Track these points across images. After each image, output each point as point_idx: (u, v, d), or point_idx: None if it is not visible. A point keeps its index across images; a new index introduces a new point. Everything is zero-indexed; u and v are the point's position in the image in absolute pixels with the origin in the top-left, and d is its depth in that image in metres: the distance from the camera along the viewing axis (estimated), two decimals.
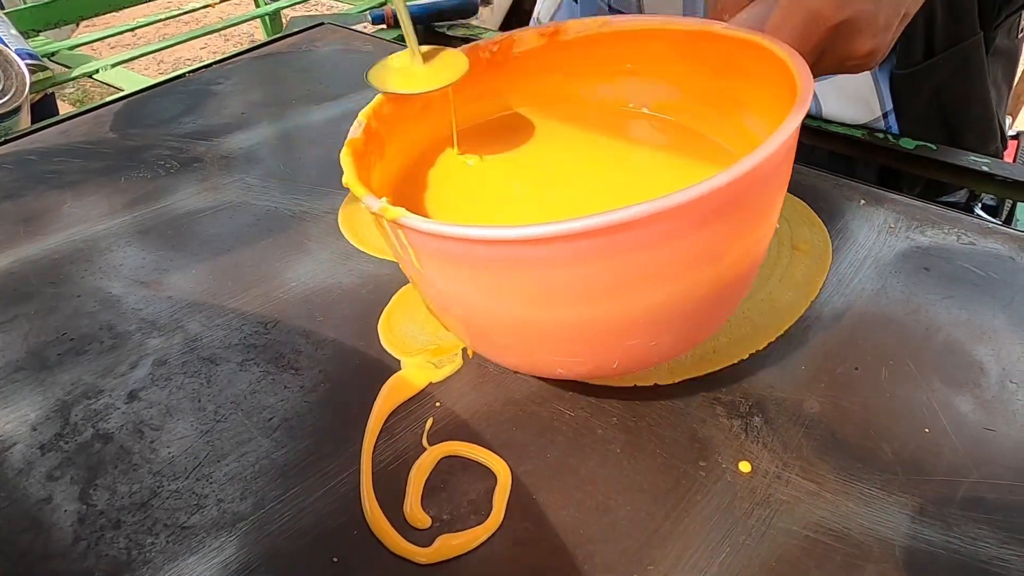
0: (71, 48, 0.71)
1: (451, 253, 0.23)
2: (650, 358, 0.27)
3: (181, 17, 0.79)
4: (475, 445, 0.28)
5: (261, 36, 1.17)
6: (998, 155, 0.51)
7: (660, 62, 0.34)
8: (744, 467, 0.28)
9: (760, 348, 0.33)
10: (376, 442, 0.29)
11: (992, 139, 0.51)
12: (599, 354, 0.26)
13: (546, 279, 0.22)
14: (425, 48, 0.32)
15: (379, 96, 0.31)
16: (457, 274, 0.24)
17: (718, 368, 0.32)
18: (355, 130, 0.29)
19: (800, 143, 0.38)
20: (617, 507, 0.26)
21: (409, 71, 0.32)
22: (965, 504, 0.26)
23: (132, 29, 0.75)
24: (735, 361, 0.32)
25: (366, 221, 0.41)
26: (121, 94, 0.56)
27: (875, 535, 0.25)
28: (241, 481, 0.27)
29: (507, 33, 0.35)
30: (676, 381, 0.31)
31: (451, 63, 0.32)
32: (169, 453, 0.28)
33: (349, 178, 0.26)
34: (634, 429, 0.29)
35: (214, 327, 0.34)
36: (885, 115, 0.49)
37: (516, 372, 0.31)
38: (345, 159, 0.27)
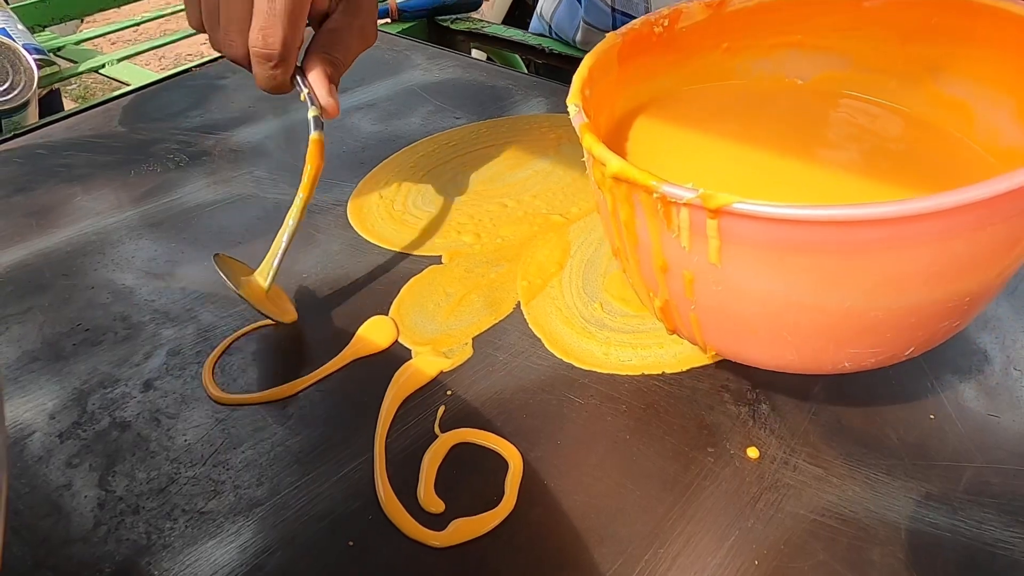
0: (77, 43, 0.71)
1: (793, 240, 0.21)
2: (934, 343, 0.25)
3: (182, 13, 0.79)
4: (486, 432, 0.29)
5: None
6: None
7: (832, 31, 0.32)
8: (752, 453, 0.28)
9: None
10: (389, 430, 0.29)
11: None
12: (904, 340, 0.24)
13: (913, 260, 0.20)
14: (274, 286, 0.33)
15: (581, 78, 0.28)
16: (783, 264, 0.21)
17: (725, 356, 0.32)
18: (579, 116, 0.26)
19: None
20: (627, 492, 0.27)
21: (253, 282, 0.33)
22: (970, 489, 0.27)
23: (136, 24, 0.75)
24: None
25: (375, 212, 0.42)
26: (127, 89, 0.56)
27: (881, 519, 0.26)
28: (257, 468, 0.28)
29: (675, 7, 0.32)
30: (683, 369, 0.32)
31: (283, 307, 0.34)
32: (185, 441, 0.29)
33: (629, 170, 0.23)
34: (643, 416, 0.29)
35: (226, 317, 0.34)
36: None
37: (729, 362, 0.28)
38: (601, 149, 0.24)
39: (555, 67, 0.66)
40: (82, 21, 1.25)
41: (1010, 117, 0.29)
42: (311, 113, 0.34)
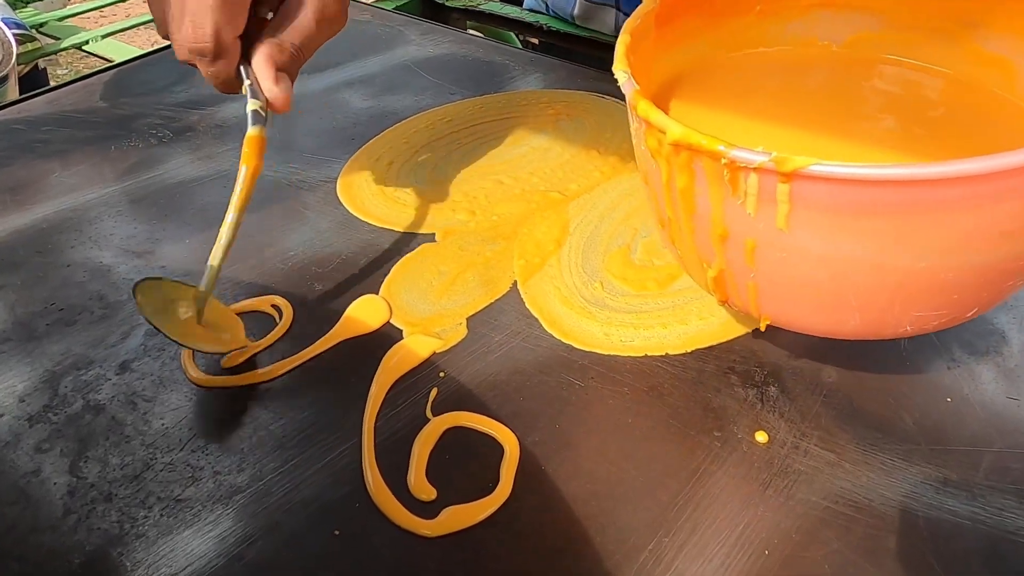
0: (60, 19, 0.69)
1: (873, 204, 0.20)
2: (995, 303, 0.26)
3: None
4: (481, 416, 0.27)
5: None
6: None
7: None
8: (761, 437, 0.27)
9: None
10: (378, 413, 0.28)
11: None
12: (970, 301, 0.24)
13: (991, 217, 0.20)
14: (216, 307, 0.29)
15: (625, 43, 0.27)
16: (856, 226, 0.21)
17: (731, 337, 0.31)
18: (630, 83, 0.25)
19: None
20: (630, 479, 0.25)
21: (187, 318, 0.28)
22: (990, 474, 0.25)
23: (114, 2, 0.72)
24: (749, 330, 0.31)
25: (366, 189, 0.40)
26: (110, 64, 0.54)
27: (898, 506, 0.24)
28: (238, 453, 0.26)
29: None
30: (688, 350, 0.30)
31: (224, 334, 0.29)
32: (162, 424, 0.27)
33: (694, 136, 0.22)
34: (646, 399, 0.28)
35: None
36: None
37: (800, 334, 0.27)
38: (660, 116, 0.23)
39: (550, 45, 0.64)
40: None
41: None
42: (250, 107, 0.30)
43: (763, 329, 0.27)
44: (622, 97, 0.25)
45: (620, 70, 0.26)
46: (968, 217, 0.20)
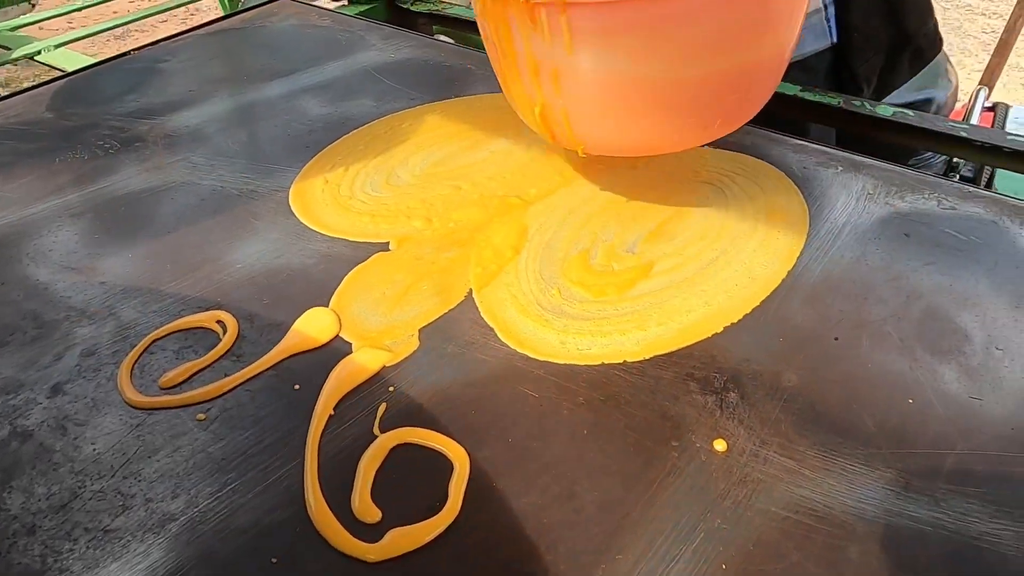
0: (12, 29, 0.67)
1: (620, 22, 0.28)
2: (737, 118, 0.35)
3: None
4: (430, 431, 0.26)
5: None
6: (936, 32, 0.55)
7: None
8: (719, 446, 0.26)
9: (735, 320, 0.31)
10: (324, 431, 0.26)
11: (930, 14, 0.54)
12: (716, 108, 0.33)
13: (695, 31, 0.29)
14: None
15: None
16: (616, 44, 0.29)
17: (691, 343, 0.30)
18: None
19: (768, 110, 0.36)
20: (583, 492, 0.24)
21: None
22: (952, 477, 0.25)
23: (79, 9, 0.71)
24: (709, 335, 0.30)
25: (320, 198, 0.39)
26: (60, 74, 0.52)
27: (859, 513, 0.24)
28: (173, 478, 0.25)
29: None
30: (646, 357, 0.29)
31: None
32: (94, 450, 0.26)
33: None
34: (602, 409, 0.27)
35: (150, 314, 0.31)
36: (826, 6, 0.50)
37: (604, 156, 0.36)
38: None
39: None
40: (33, 6, 1.19)
41: None
42: None
43: (581, 155, 0.34)
44: None
45: None
46: (684, 31, 0.29)
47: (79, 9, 0.72)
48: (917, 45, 0.53)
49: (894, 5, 0.51)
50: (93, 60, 0.56)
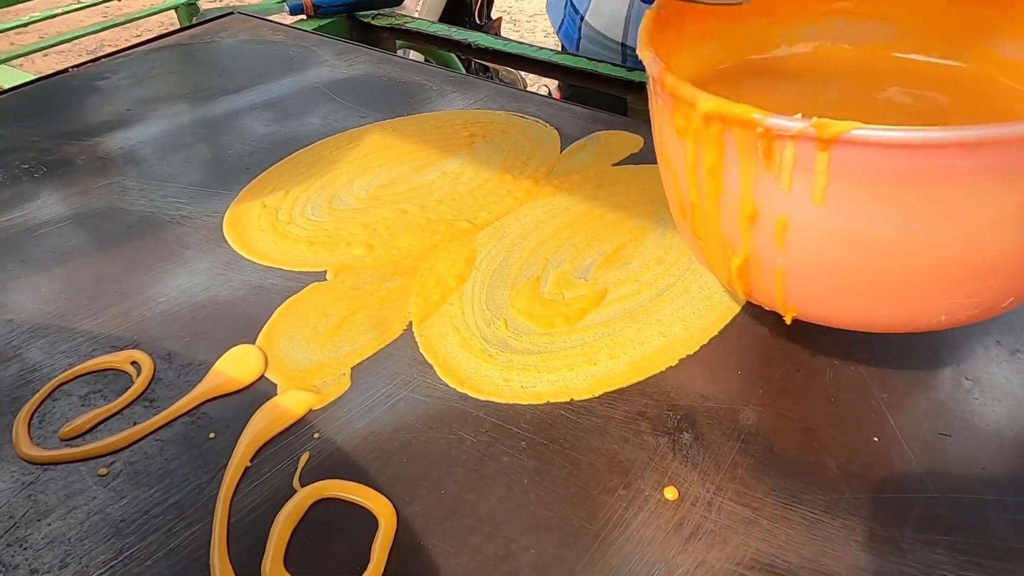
0: None
1: (918, 171, 0.19)
2: None
3: (89, 10, 0.72)
4: (355, 484, 0.24)
5: None
6: None
7: None
8: (670, 494, 0.24)
9: (691, 352, 0.29)
10: (238, 486, 0.24)
11: None
12: (1011, 287, 0.23)
13: None
14: None
15: (648, 29, 0.26)
16: (900, 198, 0.20)
17: (644, 377, 0.28)
18: (655, 62, 0.24)
19: None
20: (520, 551, 0.22)
21: None
22: (920, 525, 0.23)
23: (24, 25, 0.68)
24: (663, 368, 0.28)
25: (255, 224, 0.36)
26: None
27: (819, 568, 0.22)
28: (64, 544, 0.22)
29: None
30: (596, 395, 0.27)
31: None
32: None
33: (727, 106, 0.21)
34: (545, 454, 0.25)
35: (58, 354, 0.29)
36: None
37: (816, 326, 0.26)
38: (690, 89, 0.22)
39: (487, 65, 0.62)
40: None
41: None
42: None
43: (788, 322, 0.25)
44: (543, 115, 0.23)
45: (645, 51, 0.25)
46: (1017, 189, 0.19)
47: (24, 24, 0.69)
48: None
49: None
50: (32, 76, 0.53)
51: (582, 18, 0.54)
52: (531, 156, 0.41)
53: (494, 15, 1.30)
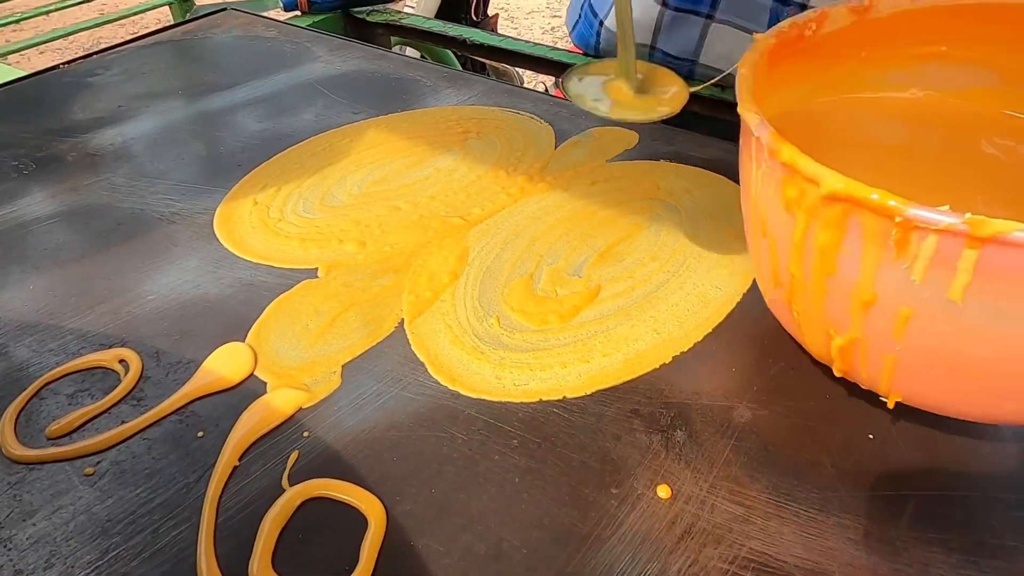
0: None
1: None
2: None
3: (85, 7, 0.71)
4: (345, 483, 0.24)
5: None
6: None
7: (980, 42, 0.29)
8: (663, 492, 0.23)
9: (685, 349, 0.29)
10: (226, 485, 0.24)
11: None
12: None
13: None
14: (642, 67, 0.28)
15: (749, 83, 0.25)
16: None
17: (637, 375, 0.28)
18: (764, 126, 0.22)
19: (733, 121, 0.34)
20: (511, 550, 0.22)
21: (619, 93, 0.28)
22: (914, 522, 0.23)
23: (16, 21, 0.67)
24: (656, 365, 0.28)
25: (247, 221, 0.36)
26: None
27: (813, 567, 0.21)
28: (49, 544, 0.22)
29: (821, 10, 0.29)
30: (588, 392, 0.27)
31: (669, 93, 0.28)
32: None
33: (858, 189, 0.19)
34: (537, 452, 0.25)
35: (46, 353, 0.29)
36: None
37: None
38: (811, 164, 0.20)
39: (484, 61, 0.62)
40: None
41: None
42: None
43: (891, 407, 0.24)
44: (538, 111, 0.22)
45: (749, 111, 0.23)
46: None
47: (18, 20, 0.68)
48: None
49: None
50: (23, 73, 0.53)
51: (601, 22, 0.53)
52: (525, 152, 0.41)
53: (491, 11, 1.29)
